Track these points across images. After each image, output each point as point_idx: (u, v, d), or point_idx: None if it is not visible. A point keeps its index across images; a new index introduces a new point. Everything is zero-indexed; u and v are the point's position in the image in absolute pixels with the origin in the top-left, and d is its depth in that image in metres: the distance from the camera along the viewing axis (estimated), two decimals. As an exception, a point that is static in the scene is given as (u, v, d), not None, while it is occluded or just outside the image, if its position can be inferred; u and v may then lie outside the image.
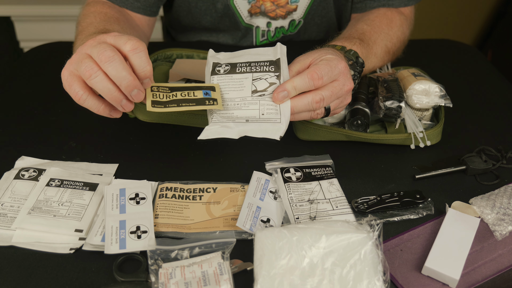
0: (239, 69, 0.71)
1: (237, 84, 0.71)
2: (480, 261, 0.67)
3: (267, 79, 0.70)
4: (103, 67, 0.64)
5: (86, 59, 0.66)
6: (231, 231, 0.68)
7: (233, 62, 0.73)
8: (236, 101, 0.71)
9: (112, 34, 0.68)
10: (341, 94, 0.74)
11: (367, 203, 0.73)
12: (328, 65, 0.71)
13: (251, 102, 0.70)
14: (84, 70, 0.65)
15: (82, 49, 0.68)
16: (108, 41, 0.66)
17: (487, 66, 1.18)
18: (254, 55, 0.73)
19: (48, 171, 0.77)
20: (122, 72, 0.64)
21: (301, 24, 1.09)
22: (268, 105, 0.70)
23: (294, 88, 0.69)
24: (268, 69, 0.71)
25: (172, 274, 0.60)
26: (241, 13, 1.05)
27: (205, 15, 1.07)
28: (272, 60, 0.72)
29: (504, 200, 0.72)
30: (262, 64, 0.72)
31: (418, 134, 0.83)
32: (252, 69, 0.71)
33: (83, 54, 0.67)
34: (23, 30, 2.07)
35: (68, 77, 0.69)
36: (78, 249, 0.66)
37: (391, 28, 0.97)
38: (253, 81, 0.70)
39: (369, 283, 0.59)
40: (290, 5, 1.05)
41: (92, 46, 0.66)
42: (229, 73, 0.71)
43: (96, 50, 0.65)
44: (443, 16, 2.33)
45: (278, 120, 0.70)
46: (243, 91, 0.71)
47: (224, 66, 0.72)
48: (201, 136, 0.69)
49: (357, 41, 0.87)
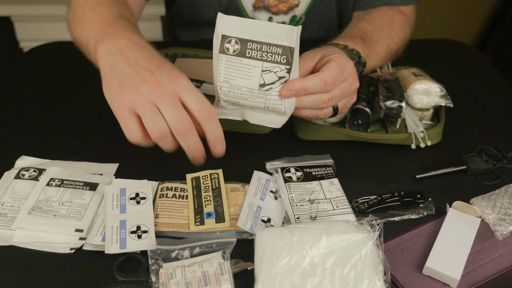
0: (249, 53, 0.68)
1: (245, 71, 0.69)
2: (481, 261, 0.67)
3: (276, 73, 0.69)
4: (178, 137, 0.64)
5: (156, 115, 0.62)
6: (232, 231, 0.68)
7: (245, 38, 0.68)
8: (243, 91, 0.69)
9: (183, 85, 0.63)
10: (348, 93, 0.74)
11: (368, 203, 0.73)
12: (339, 68, 0.71)
13: (258, 95, 0.70)
14: (155, 131, 0.63)
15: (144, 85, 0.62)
16: (177, 93, 0.63)
17: (487, 66, 1.18)
18: (267, 34, 0.69)
19: (48, 171, 0.77)
20: (194, 145, 0.65)
21: (302, 20, 1.09)
22: (274, 100, 0.70)
23: (304, 89, 0.69)
24: (280, 60, 0.69)
25: (173, 274, 0.60)
26: (245, 7, 1.05)
27: (208, 9, 1.07)
28: (286, 47, 0.69)
29: (505, 200, 0.72)
30: (274, 51, 0.69)
31: (419, 134, 0.83)
32: (263, 56, 0.69)
33: (150, 103, 0.62)
34: (23, 30, 2.07)
35: (126, 116, 0.64)
36: (79, 249, 0.66)
37: (392, 27, 0.97)
38: (262, 73, 0.69)
39: (370, 283, 0.59)
40: (293, 1, 1.05)
41: (160, 95, 0.62)
42: (239, 56, 0.69)
43: (172, 115, 0.62)
44: (443, 16, 2.33)
45: (282, 112, 0.72)
46: (251, 81, 0.69)
47: (234, 44, 0.68)
48: None
49: (359, 41, 0.87)
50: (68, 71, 1.09)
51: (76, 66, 1.11)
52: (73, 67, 1.10)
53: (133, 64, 0.64)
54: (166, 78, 0.63)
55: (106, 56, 0.67)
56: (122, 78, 0.64)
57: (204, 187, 0.75)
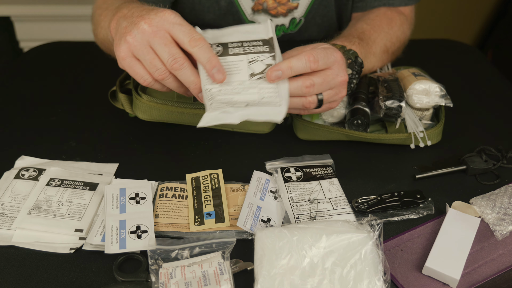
0: (231, 51, 0.68)
1: (232, 67, 0.68)
2: (481, 261, 0.67)
3: (263, 61, 0.68)
4: (174, 73, 0.66)
5: (154, 58, 0.66)
6: (232, 231, 0.68)
7: (224, 42, 0.69)
8: (234, 85, 0.68)
9: (170, 19, 0.67)
10: (334, 84, 0.72)
11: (368, 203, 0.73)
12: (324, 51, 0.70)
13: (250, 86, 0.68)
14: (156, 73, 0.67)
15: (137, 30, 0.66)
16: (166, 29, 0.66)
17: (487, 66, 1.18)
18: (244, 33, 0.70)
19: (48, 171, 0.77)
20: (190, 78, 0.67)
21: (301, 22, 1.09)
22: (267, 88, 0.68)
23: (290, 68, 0.68)
24: (263, 50, 0.68)
25: (173, 274, 0.60)
26: (244, 10, 1.05)
27: (208, 12, 1.07)
28: (265, 39, 0.69)
29: (505, 200, 0.72)
30: (255, 44, 0.69)
31: (419, 134, 0.83)
32: (246, 50, 0.69)
33: (145, 44, 0.66)
34: (23, 30, 2.07)
35: (129, 63, 0.68)
36: (78, 249, 0.66)
37: (391, 27, 0.97)
38: (249, 64, 0.68)
39: (370, 283, 0.59)
40: (291, 3, 1.05)
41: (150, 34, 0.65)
42: (222, 55, 0.68)
43: (166, 53, 0.65)
44: (443, 16, 2.33)
45: (278, 103, 0.68)
46: (239, 74, 0.68)
47: (215, 47, 0.69)
48: (201, 123, 0.68)
49: (356, 40, 0.87)
50: (68, 71, 1.09)
51: (76, 66, 1.11)
52: (73, 67, 1.11)
53: (129, 17, 0.70)
54: (153, 16, 0.66)
55: (114, 26, 0.73)
56: (121, 33, 0.69)
57: (204, 187, 0.75)
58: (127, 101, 0.88)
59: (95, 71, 1.08)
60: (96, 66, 1.09)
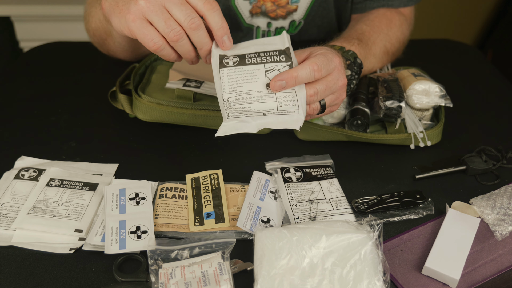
0: (249, 60, 0.69)
1: (249, 76, 0.69)
2: (480, 261, 0.67)
3: (280, 70, 0.68)
4: (190, 33, 0.66)
5: (168, 19, 0.65)
6: (231, 231, 0.68)
7: (241, 53, 0.70)
8: (251, 94, 0.68)
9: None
10: (335, 89, 0.73)
11: (367, 203, 0.73)
12: (325, 58, 0.71)
13: (267, 95, 0.68)
14: (171, 33, 0.66)
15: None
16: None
17: (487, 66, 1.18)
18: (261, 46, 0.71)
19: (48, 171, 0.77)
20: (205, 39, 0.67)
21: (301, 25, 1.09)
22: (285, 97, 0.68)
23: (294, 78, 0.68)
24: (279, 59, 0.69)
25: (172, 274, 0.60)
26: (242, 14, 1.05)
27: None
28: (281, 50, 0.70)
29: (505, 200, 0.72)
30: (272, 54, 0.70)
31: (418, 134, 0.83)
32: (262, 59, 0.69)
33: (159, 6, 0.65)
34: (22, 30, 2.07)
35: (140, 25, 0.66)
36: (78, 249, 0.66)
37: (390, 28, 0.97)
38: (266, 73, 0.68)
39: (369, 283, 0.59)
40: (291, 6, 1.05)
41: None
42: (239, 65, 0.69)
43: (182, 13, 0.65)
44: (443, 16, 2.33)
45: (296, 111, 0.68)
46: (257, 83, 0.68)
47: (232, 58, 0.69)
48: (219, 132, 0.67)
49: (355, 42, 0.87)
50: (68, 71, 1.09)
51: (76, 66, 1.11)
52: (73, 67, 1.10)
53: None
54: None
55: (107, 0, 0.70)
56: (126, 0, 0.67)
57: (204, 187, 0.75)
58: (127, 102, 0.88)
59: (95, 71, 1.08)
60: (96, 66, 1.09)
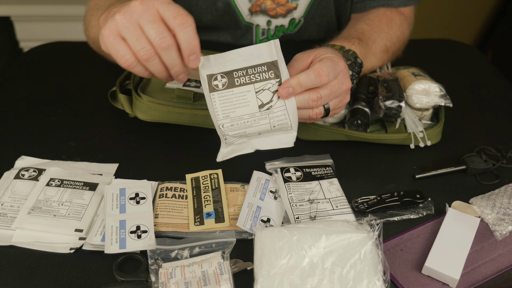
0: (237, 81, 0.69)
1: (240, 100, 0.69)
2: (480, 261, 0.67)
3: (270, 89, 0.69)
4: (160, 53, 0.65)
5: (140, 36, 0.65)
6: (231, 231, 0.68)
7: (228, 70, 0.69)
8: (245, 119, 0.69)
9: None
10: (339, 93, 0.73)
11: (367, 202, 0.73)
12: (331, 63, 0.71)
13: (261, 117, 0.69)
14: (141, 51, 0.65)
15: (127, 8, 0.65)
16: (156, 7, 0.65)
17: (487, 66, 1.18)
18: (248, 57, 0.70)
19: (48, 171, 0.77)
20: (176, 60, 0.66)
21: (301, 23, 1.09)
22: (277, 116, 0.69)
23: (299, 84, 0.68)
24: (268, 76, 0.69)
25: (172, 273, 0.60)
26: (241, 12, 1.05)
27: (206, 14, 1.07)
28: (269, 62, 0.70)
29: (504, 200, 0.72)
30: (260, 70, 0.69)
31: (418, 134, 0.83)
32: (251, 78, 0.69)
33: (133, 22, 0.65)
34: (22, 30, 2.07)
35: (113, 40, 0.66)
36: (78, 249, 0.66)
37: (390, 27, 0.97)
38: (256, 94, 0.69)
39: (369, 283, 0.59)
40: (291, 4, 1.05)
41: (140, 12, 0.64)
42: (229, 87, 0.69)
43: (154, 31, 0.64)
44: (443, 16, 2.33)
45: (289, 128, 0.70)
46: (249, 107, 0.69)
47: (220, 79, 0.69)
48: (219, 158, 0.72)
49: (356, 41, 0.87)
50: (68, 71, 1.09)
51: (76, 66, 1.11)
52: (73, 67, 1.10)
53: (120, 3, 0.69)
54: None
55: (103, 17, 0.72)
56: (108, 16, 0.68)
57: (204, 187, 0.75)
58: (127, 102, 0.88)
59: (95, 71, 1.08)
60: (96, 66, 1.09)
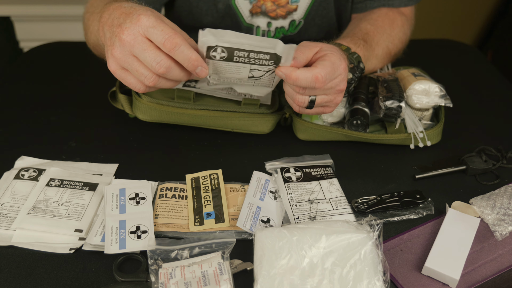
0: (236, 59, 0.68)
1: (233, 70, 0.70)
2: (480, 261, 0.67)
3: (264, 70, 0.70)
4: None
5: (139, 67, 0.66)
6: (231, 231, 0.68)
7: (231, 47, 0.67)
8: (232, 80, 0.73)
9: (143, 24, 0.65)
10: (330, 92, 0.74)
11: (367, 203, 0.73)
12: (332, 67, 0.71)
13: (247, 82, 0.74)
14: (146, 80, 0.66)
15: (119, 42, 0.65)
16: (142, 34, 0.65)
17: (487, 66, 1.18)
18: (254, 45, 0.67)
19: (48, 171, 0.77)
20: (179, 75, 0.67)
21: (301, 24, 1.09)
22: (262, 83, 0.74)
23: (294, 80, 0.69)
24: (268, 63, 0.69)
25: (172, 274, 0.60)
26: (242, 13, 1.05)
27: (206, 15, 1.07)
28: (273, 54, 0.68)
29: (504, 200, 0.72)
30: (262, 57, 0.69)
31: (418, 134, 0.83)
32: (250, 61, 0.69)
33: (128, 55, 0.65)
34: (22, 30, 2.07)
35: (120, 74, 0.69)
36: (78, 249, 0.66)
37: (393, 29, 0.97)
38: (251, 71, 0.70)
39: (369, 283, 0.59)
40: (291, 5, 1.05)
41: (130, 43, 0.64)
42: (226, 60, 0.69)
43: (149, 58, 0.64)
44: (443, 16, 2.33)
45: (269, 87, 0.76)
46: (240, 75, 0.71)
47: (220, 52, 0.67)
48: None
49: (361, 43, 0.88)
50: (68, 71, 1.09)
51: (76, 66, 1.11)
52: (73, 67, 1.11)
53: (109, 26, 0.69)
54: (129, 25, 0.65)
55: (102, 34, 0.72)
56: (107, 45, 0.69)
57: (204, 187, 0.75)
58: (126, 102, 0.88)
59: (95, 71, 1.08)
60: (96, 66, 1.09)
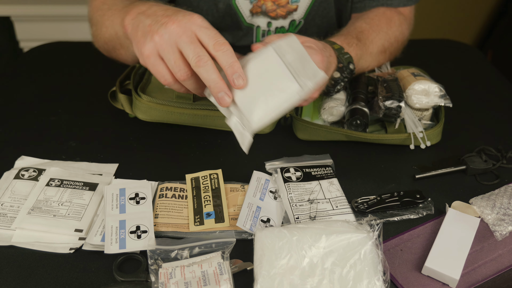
0: None
1: None
2: (480, 261, 0.67)
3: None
4: (197, 70, 0.66)
5: (178, 59, 0.66)
6: (231, 231, 0.68)
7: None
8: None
9: (197, 22, 0.67)
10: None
11: (367, 203, 0.73)
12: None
13: None
14: (178, 73, 0.67)
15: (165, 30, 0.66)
16: (193, 30, 0.66)
17: (487, 66, 1.18)
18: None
19: (48, 171, 0.77)
20: (212, 75, 0.66)
21: (301, 24, 1.09)
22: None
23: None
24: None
25: (172, 274, 0.60)
26: (242, 13, 1.05)
27: (207, 15, 1.07)
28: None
29: (504, 200, 0.72)
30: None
31: (418, 134, 0.83)
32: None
33: (172, 44, 0.66)
34: (23, 30, 2.07)
35: (154, 62, 0.69)
36: (78, 249, 0.66)
37: (389, 27, 0.98)
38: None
39: (369, 283, 0.59)
40: (291, 5, 1.05)
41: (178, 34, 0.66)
42: None
43: (191, 52, 0.65)
44: (443, 16, 2.33)
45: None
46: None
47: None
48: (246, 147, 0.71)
49: (354, 41, 0.88)
50: (68, 71, 1.09)
51: (76, 66, 1.11)
52: (73, 67, 1.11)
53: (152, 16, 0.70)
54: (181, 18, 0.67)
55: (131, 22, 0.73)
56: (144, 30, 0.69)
57: (204, 187, 0.75)
58: (127, 102, 0.88)
59: (95, 71, 1.08)
60: (96, 66, 1.09)
